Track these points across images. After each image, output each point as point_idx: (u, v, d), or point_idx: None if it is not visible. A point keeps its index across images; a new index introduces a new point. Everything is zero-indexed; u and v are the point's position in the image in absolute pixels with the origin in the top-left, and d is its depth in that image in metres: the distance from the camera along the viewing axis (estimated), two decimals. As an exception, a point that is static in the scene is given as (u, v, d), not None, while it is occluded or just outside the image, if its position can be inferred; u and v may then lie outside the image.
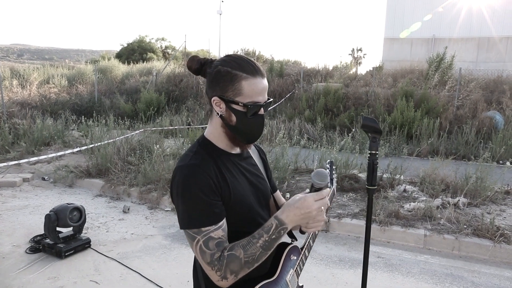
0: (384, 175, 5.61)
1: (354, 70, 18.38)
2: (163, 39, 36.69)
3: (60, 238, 3.62)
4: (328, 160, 1.80)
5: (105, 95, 13.63)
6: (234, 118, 1.15)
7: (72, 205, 3.68)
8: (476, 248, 3.81)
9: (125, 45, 33.32)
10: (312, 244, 1.47)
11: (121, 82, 15.41)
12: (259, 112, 1.16)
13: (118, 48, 34.06)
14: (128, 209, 4.99)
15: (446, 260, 3.69)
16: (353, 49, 42.50)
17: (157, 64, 18.43)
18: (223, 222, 1.11)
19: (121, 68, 17.87)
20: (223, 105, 1.15)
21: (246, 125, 1.15)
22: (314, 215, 1.08)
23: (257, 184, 1.28)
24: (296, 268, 1.34)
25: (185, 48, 18.52)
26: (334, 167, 1.78)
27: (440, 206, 4.65)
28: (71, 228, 3.83)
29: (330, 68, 15.18)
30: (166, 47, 36.00)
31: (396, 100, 10.13)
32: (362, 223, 4.27)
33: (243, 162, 1.27)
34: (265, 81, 1.16)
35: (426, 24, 21.22)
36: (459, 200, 4.78)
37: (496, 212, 4.61)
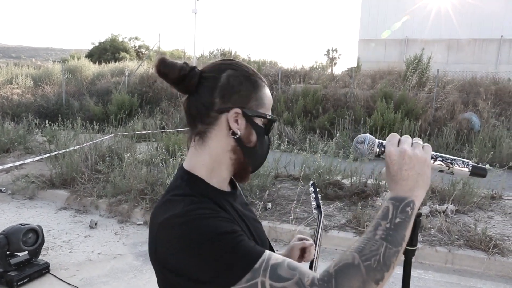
0: (369, 181, 5.39)
1: (329, 70, 18.36)
2: (136, 38, 35.57)
3: (12, 264, 3.15)
4: (311, 182, 1.49)
5: (74, 96, 12.89)
6: (254, 137, 0.85)
7: (26, 226, 3.22)
8: (470, 261, 3.61)
9: (97, 44, 32.14)
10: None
11: (92, 83, 14.65)
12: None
13: (89, 47, 32.78)
14: (96, 224, 4.53)
15: (440, 275, 3.47)
16: (329, 50, 42.90)
17: (130, 64, 17.69)
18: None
19: (91, 68, 17.03)
20: (242, 120, 0.83)
21: (263, 145, 0.88)
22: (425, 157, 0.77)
23: (257, 233, 0.95)
24: None
25: (159, 47, 17.91)
26: (318, 189, 1.46)
27: (430, 215, 4.46)
28: (26, 252, 3.36)
29: (307, 68, 15.02)
30: (140, 47, 35.00)
31: (376, 102, 10.02)
32: (350, 235, 4.01)
33: (237, 203, 0.92)
34: None
35: (399, 26, 21.52)
36: (447, 207, 4.60)
37: (485, 220, 4.46)
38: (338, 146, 7.13)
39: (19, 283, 3.08)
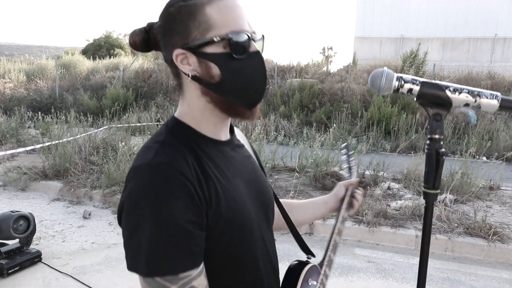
0: (367, 172, 5.34)
1: (325, 68, 18.31)
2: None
3: (2, 252, 3.05)
4: (344, 144, 1.42)
5: (68, 91, 12.72)
6: (215, 69, 0.71)
7: (17, 213, 3.13)
8: (470, 248, 3.57)
9: (91, 41, 31.85)
10: (333, 258, 1.09)
11: (86, 78, 14.47)
12: (251, 49, 0.72)
13: (84, 45, 32.49)
14: (89, 214, 4.44)
15: (440, 263, 3.42)
16: (324, 48, 42.88)
17: (124, 59, 17.51)
18: (203, 264, 0.70)
19: (86, 64, 16.83)
20: (192, 58, 0.72)
21: (239, 72, 0.72)
22: None
23: (258, 187, 0.86)
24: None
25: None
26: (351, 152, 1.40)
27: (428, 204, 4.41)
28: (17, 240, 3.27)
29: (303, 66, 14.95)
30: (135, 43, 34.72)
31: (372, 96, 9.99)
32: (349, 224, 3.95)
33: (235, 152, 0.83)
34: (239, 2, 0.74)
35: (394, 24, 21.57)
36: (446, 197, 4.56)
37: (483, 209, 4.43)
38: (335, 138, 7.08)
39: (9, 271, 2.99)
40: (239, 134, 0.93)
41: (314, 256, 1.02)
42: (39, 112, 8.16)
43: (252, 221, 0.78)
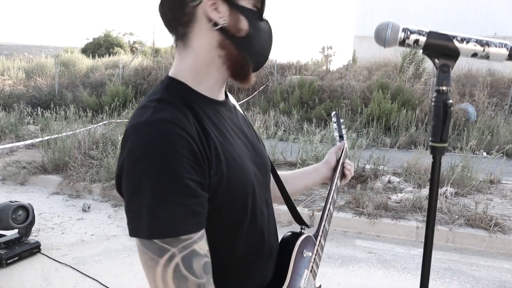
0: (367, 166, 5.33)
1: (324, 67, 18.28)
2: (131, 33, 35.40)
3: (1, 243, 3.04)
4: (333, 112, 1.40)
5: (67, 88, 12.69)
6: (244, 23, 0.71)
7: (16, 203, 3.11)
8: (471, 239, 3.55)
9: (91, 40, 31.81)
10: (328, 228, 1.07)
11: (85, 76, 14.44)
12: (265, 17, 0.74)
13: (83, 45, 32.40)
14: (89, 207, 4.42)
15: (441, 253, 3.40)
16: (324, 47, 42.83)
17: (124, 57, 17.48)
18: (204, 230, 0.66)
19: (85, 62, 16.76)
20: (223, 7, 0.69)
21: (261, 33, 0.74)
22: None
23: (256, 150, 0.83)
24: (312, 266, 0.94)
25: (153, 41, 17.75)
26: (341, 120, 1.38)
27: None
28: (16, 231, 3.25)
29: (302, 64, 14.93)
30: (134, 42, 34.73)
31: (372, 92, 9.97)
32: (349, 216, 3.94)
33: (231, 114, 0.81)
34: None
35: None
36: (446, 190, 4.55)
37: (484, 201, 4.41)
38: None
39: (8, 262, 2.97)
40: (233, 100, 0.90)
41: (308, 227, 1.00)
42: (39, 107, 8.14)
43: (253, 182, 0.76)
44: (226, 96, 0.85)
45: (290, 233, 0.95)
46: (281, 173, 1.08)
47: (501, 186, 5.09)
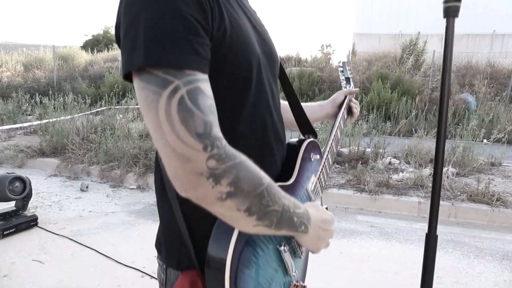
0: (368, 149, 5.29)
1: (324, 65, 18.23)
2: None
3: (-2, 213, 3.00)
4: (341, 61, 1.37)
5: (66, 80, 12.61)
6: None
7: (13, 174, 3.07)
8: (473, 213, 3.52)
9: (90, 37, 31.72)
10: (335, 150, 1.03)
11: (84, 69, 14.36)
12: None
13: (82, 42, 32.30)
14: (87, 187, 4.38)
15: (443, 227, 3.37)
16: (323, 45, 42.80)
17: (123, 51, 17.33)
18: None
19: (84, 56, 16.69)
20: None
21: None
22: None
23: (265, 38, 0.78)
24: (319, 177, 0.89)
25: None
26: (348, 67, 1.35)
27: (430, 176, 4.36)
28: (13, 204, 3.21)
29: (302, 58, 14.86)
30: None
31: (372, 83, 9.93)
32: (350, 192, 3.90)
33: None
34: None
35: (393, 20, 21.53)
36: (448, 169, 4.52)
37: (486, 181, 4.37)
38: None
39: (5, 233, 2.93)
40: None
41: (316, 136, 0.96)
42: (37, 94, 8.08)
43: (258, 58, 0.70)
44: None
45: (295, 139, 0.91)
46: (285, 103, 1.04)
47: (502, 168, 5.06)
